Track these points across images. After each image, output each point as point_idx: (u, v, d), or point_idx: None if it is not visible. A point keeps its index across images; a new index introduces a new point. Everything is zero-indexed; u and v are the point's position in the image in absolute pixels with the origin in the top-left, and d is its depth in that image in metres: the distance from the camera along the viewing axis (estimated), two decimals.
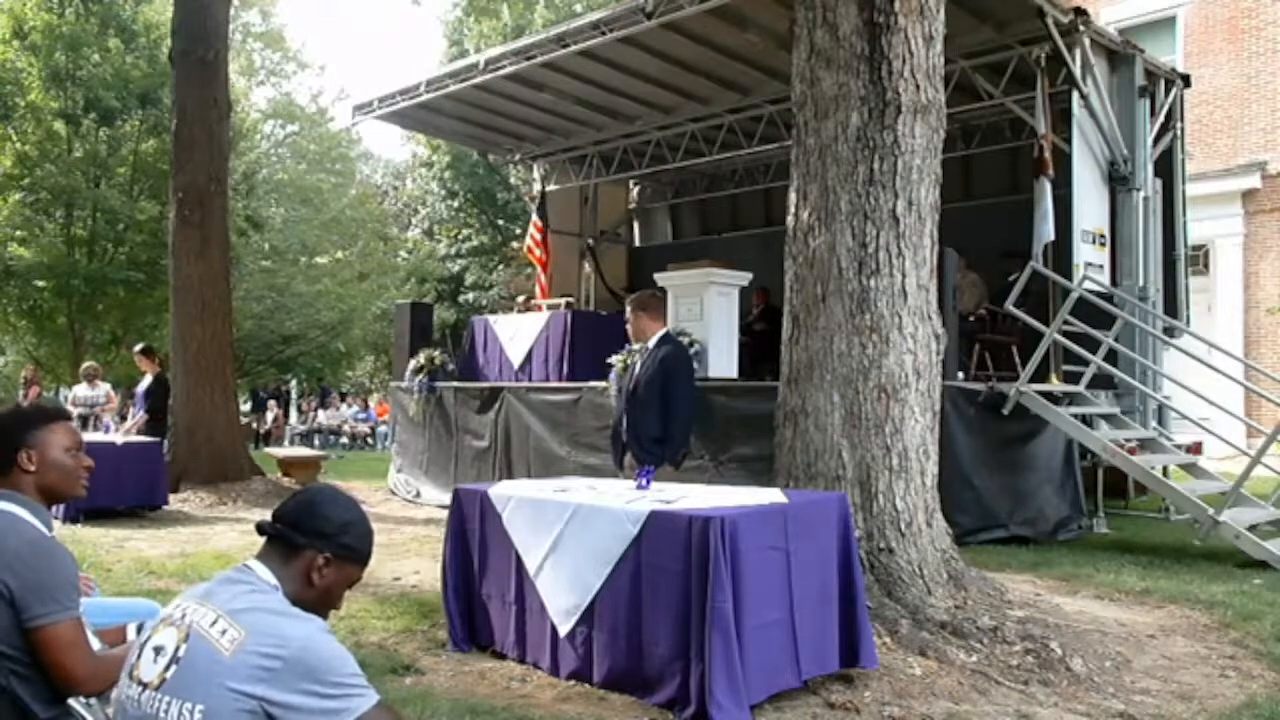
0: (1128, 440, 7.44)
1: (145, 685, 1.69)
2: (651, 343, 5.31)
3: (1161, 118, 9.22)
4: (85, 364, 11.65)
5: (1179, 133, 9.52)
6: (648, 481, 4.17)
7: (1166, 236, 9.25)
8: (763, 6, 8.28)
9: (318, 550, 1.86)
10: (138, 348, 10.22)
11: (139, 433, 9.30)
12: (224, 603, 1.73)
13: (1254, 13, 14.69)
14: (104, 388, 10.44)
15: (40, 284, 18.74)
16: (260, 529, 1.90)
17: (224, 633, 1.67)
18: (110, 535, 7.44)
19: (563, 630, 3.76)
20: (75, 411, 10.06)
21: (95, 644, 2.28)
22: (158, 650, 1.72)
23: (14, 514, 2.27)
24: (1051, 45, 7.99)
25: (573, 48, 9.26)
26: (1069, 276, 7.90)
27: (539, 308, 11.39)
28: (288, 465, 11.26)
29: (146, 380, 9.75)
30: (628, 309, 5.40)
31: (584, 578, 3.70)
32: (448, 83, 10.49)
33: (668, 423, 5.11)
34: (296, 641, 1.66)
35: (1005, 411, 7.14)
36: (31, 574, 2.13)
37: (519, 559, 4.00)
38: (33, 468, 2.37)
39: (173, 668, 1.67)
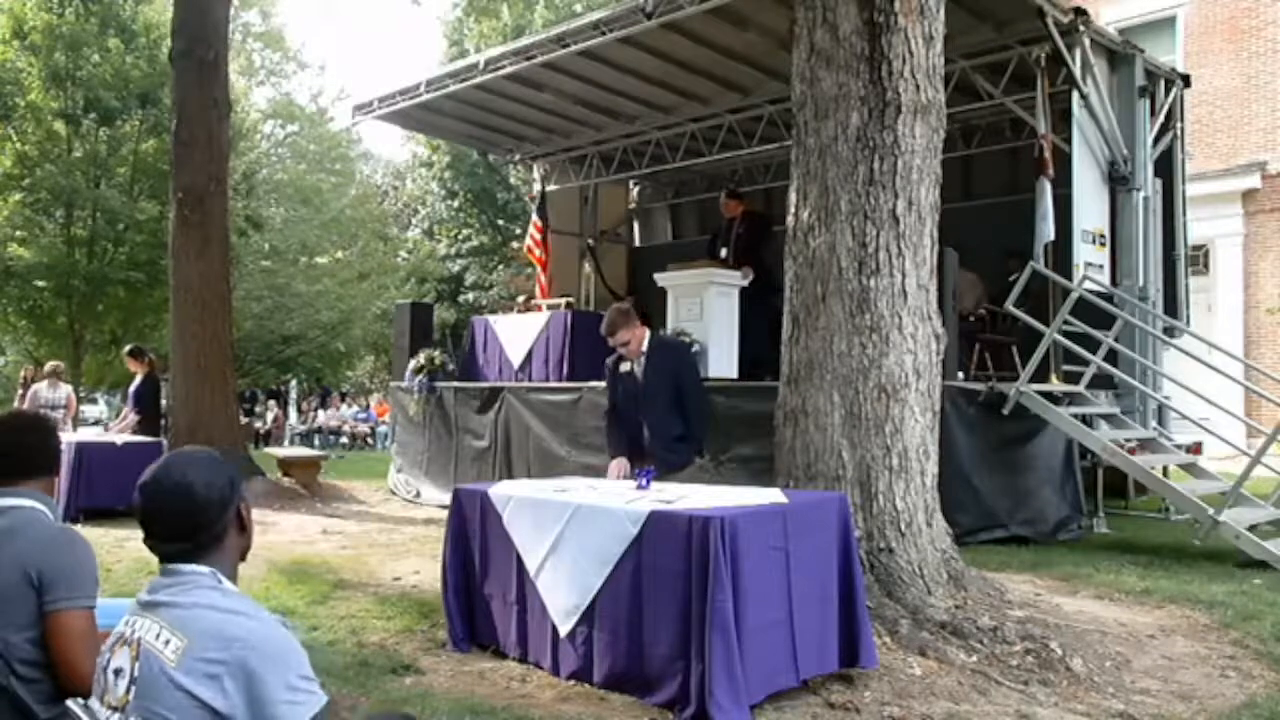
0: (1128, 440, 7.44)
1: (115, 709, 1.68)
2: (645, 346, 5.32)
3: (1161, 118, 9.21)
4: (49, 363, 11.58)
5: (1179, 133, 9.51)
6: (648, 481, 4.17)
7: (1166, 236, 9.24)
8: (763, 6, 8.28)
9: (235, 512, 1.82)
10: (126, 349, 10.23)
11: (132, 433, 9.30)
12: (165, 610, 1.69)
13: (1254, 13, 14.70)
14: (65, 390, 10.39)
15: (40, 284, 18.75)
16: (167, 557, 1.77)
17: (167, 643, 1.64)
18: (110, 535, 7.43)
19: (563, 630, 3.76)
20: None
21: None
22: (118, 672, 1.69)
23: (38, 510, 2.38)
24: (1051, 45, 7.98)
25: (573, 48, 9.24)
26: (1069, 276, 7.90)
27: (539, 308, 11.37)
28: (287, 465, 11.24)
29: (137, 380, 9.77)
30: (617, 332, 5.22)
31: (584, 578, 3.70)
32: (448, 83, 10.48)
33: (688, 420, 5.24)
34: (238, 642, 1.61)
35: (1005, 411, 7.13)
36: (59, 559, 2.23)
37: (519, 559, 4.00)
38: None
39: (133, 688, 1.65)
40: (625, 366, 5.42)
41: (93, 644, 2.19)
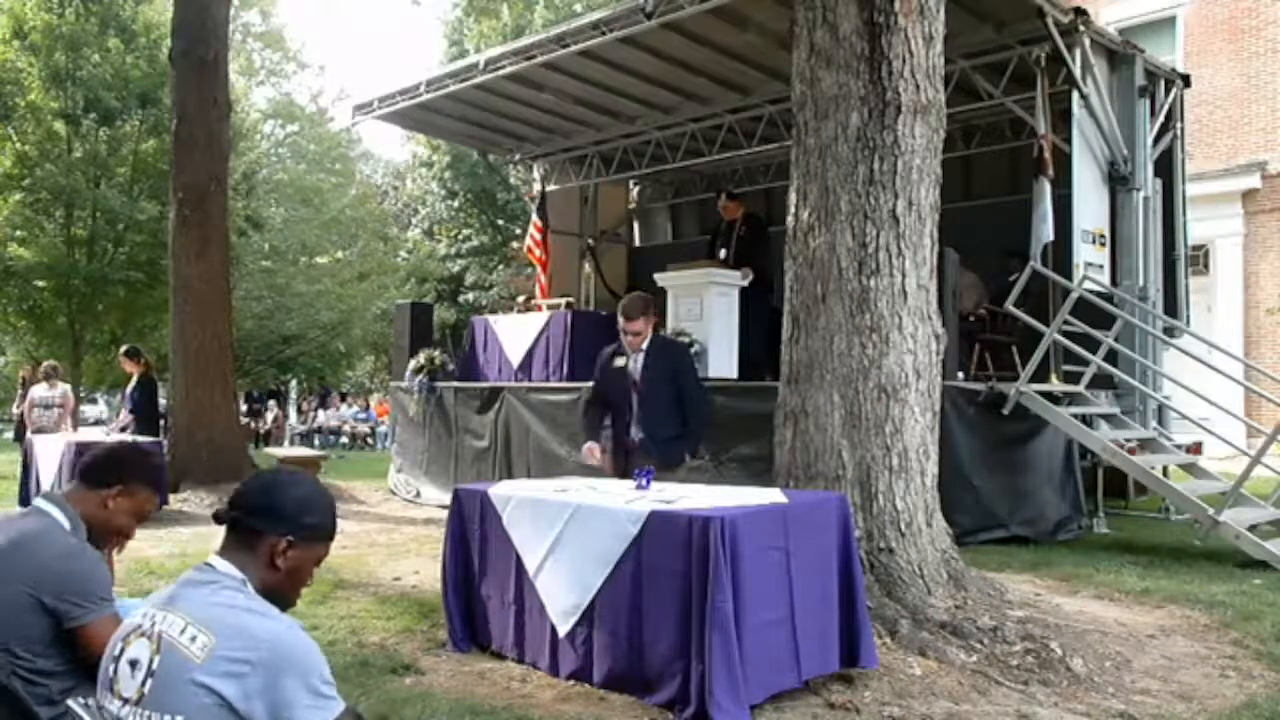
0: (1128, 440, 7.44)
1: (126, 700, 1.68)
2: (645, 345, 5.28)
3: (1161, 118, 9.21)
4: (45, 363, 11.60)
5: (1179, 133, 9.51)
6: (648, 481, 4.17)
7: (1166, 236, 9.24)
8: (763, 6, 8.27)
9: (279, 534, 1.83)
10: (122, 350, 10.23)
11: (129, 434, 9.31)
12: (191, 607, 1.70)
13: (1254, 13, 14.70)
14: (62, 388, 10.41)
15: (40, 284, 18.77)
16: (218, 517, 1.87)
17: (194, 639, 1.64)
18: None
19: (562, 630, 3.76)
20: (34, 413, 10.09)
21: None
22: (133, 664, 1.69)
23: (51, 517, 2.36)
24: (1051, 45, 7.98)
25: (573, 48, 9.24)
26: (1069, 276, 7.90)
27: (539, 308, 11.37)
28: (287, 465, 11.25)
29: (133, 381, 9.79)
30: (637, 319, 5.19)
31: (584, 578, 3.70)
32: (448, 83, 10.48)
33: (686, 421, 5.25)
34: (265, 644, 1.63)
35: (1005, 411, 7.14)
36: (65, 581, 2.22)
37: (519, 559, 4.00)
38: (110, 507, 2.46)
39: (149, 681, 1.65)
40: (619, 361, 5.33)
41: None
